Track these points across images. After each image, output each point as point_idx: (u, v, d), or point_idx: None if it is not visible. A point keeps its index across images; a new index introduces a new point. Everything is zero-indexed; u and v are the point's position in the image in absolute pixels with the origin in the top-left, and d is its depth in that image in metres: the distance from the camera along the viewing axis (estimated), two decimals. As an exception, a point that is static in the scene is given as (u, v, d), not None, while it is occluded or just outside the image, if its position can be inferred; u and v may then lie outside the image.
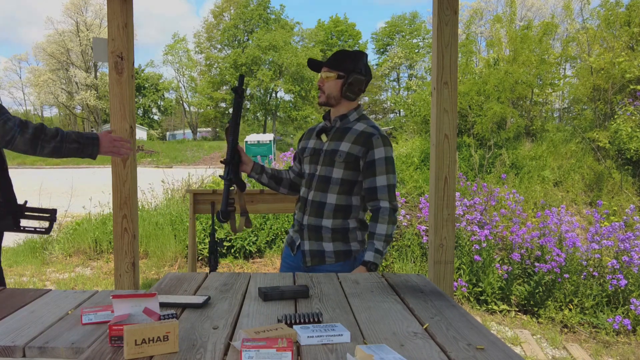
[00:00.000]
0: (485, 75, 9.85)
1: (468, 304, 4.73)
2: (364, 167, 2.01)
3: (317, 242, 2.07)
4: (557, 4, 27.13)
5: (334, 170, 2.02)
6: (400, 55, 43.50)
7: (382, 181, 1.99)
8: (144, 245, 6.06)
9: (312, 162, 2.10)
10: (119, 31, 2.83)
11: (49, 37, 44.99)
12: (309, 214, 2.07)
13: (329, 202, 2.04)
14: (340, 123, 2.08)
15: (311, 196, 2.07)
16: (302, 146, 2.19)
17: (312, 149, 2.12)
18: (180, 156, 31.28)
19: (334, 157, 2.02)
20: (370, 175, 2.00)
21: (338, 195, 2.03)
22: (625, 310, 4.34)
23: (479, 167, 8.20)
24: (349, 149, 2.01)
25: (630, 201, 7.38)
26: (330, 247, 2.05)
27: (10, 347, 1.29)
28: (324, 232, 2.05)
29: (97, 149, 1.90)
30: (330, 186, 2.03)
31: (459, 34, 2.79)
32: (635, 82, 8.66)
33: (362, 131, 2.03)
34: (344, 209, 2.05)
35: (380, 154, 1.99)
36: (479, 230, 5.03)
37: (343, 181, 2.02)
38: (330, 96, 2.06)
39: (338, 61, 2.04)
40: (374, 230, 1.98)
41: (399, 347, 1.13)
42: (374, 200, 2.02)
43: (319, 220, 2.05)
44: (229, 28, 45.92)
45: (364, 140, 2.00)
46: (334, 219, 2.04)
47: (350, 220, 2.07)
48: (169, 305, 1.41)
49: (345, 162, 2.01)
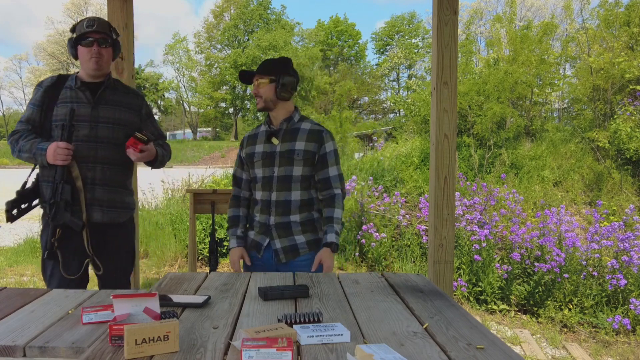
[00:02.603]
0: (485, 75, 9.84)
1: (468, 303, 4.73)
2: (317, 161, 2.21)
3: (288, 237, 2.19)
4: (557, 4, 27.14)
5: (294, 169, 2.18)
6: (400, 55, 43.49)
7: (334, 171, 2.21)
8: (144, 245, 6.06)
9: (266, 165, 2.21)
10: (119, 31, 2.83)
11: (49, 37, 45.00)
12: (275, 214, 2.19)
13: (294, 199, 2.19)
14: (288, 125, 2.23)
15: (274, 197, 2.19)
16: (249, 152, 2.29)
17: (263, 152, 2.23)
18: (181, 156, 31.28)
19: (292, 156, 2.18)
20: (324, 167, 2.21)
21: (301, 191, 2.20)
22: (625, 310, 4.34)
23: (479, 167, 8.20)
24: (305, 146, 2.18)
25: (630, 201, 7.38)
26: (302, 239, 2.20)
27: (11, 346, 1.29)
28: (294, 227, 2.19)
29: (44, 158, 2.11)
30: (292, 184, 2.18)
31: (458, 34, 2.79)
32: (634, 82, 8.65)
33: (310, 129, 2.23)
34: (307, 202, 2.22)
35: (330, 148, 2.22)
36: (478, 230, 5.04)
37: (303, 177, 2.19)
38: (267, 100, 2.21)
39: (267, 67, 2.23)
40: (332, 214, 2.18)
41: (399, 347, 1.13)
42: (328, 189, 2.21)
43: (287, 217, 2.19)
44: (229, 28, 45.89)
45: (315, 137, 2.21)
46: (301, 213, 2.20)
47: (315, 212, 2.25)
48: (169, 304, 1.41)
49: (304, 159, 2.18)
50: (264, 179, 2.21)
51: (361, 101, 44.89)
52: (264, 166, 2.21)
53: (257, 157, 2.24)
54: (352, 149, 12.21)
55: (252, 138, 2.32)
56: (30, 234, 6.97)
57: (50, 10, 78.90)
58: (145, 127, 2.33)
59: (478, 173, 8.01)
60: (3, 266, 5.90)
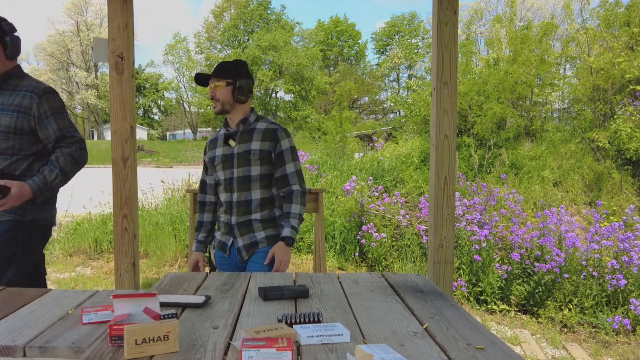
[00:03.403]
0: (485, 75, 9.84)
1: (468, 303, 4.73)
2: (275, 159, 2.24)
3: (249, 234, 2.24)
4: (557, 4, 27.13)
5: (252, 169, 2.21)
6: (400, 55, 43.51)
7: (291, 168, 2.24)
8: (144, 245, 6.06)
9: (226, 167, 2.26)
10: (120, 31, 2.83)
11: (49, 37, 45.02)
12: (237, 214, 2.24)
13: (254, 199, 2.23)
14: (244, 126, 2.26)
15: (235, 197, 2.23)
16: (210, 156, 2.33)
17: (222, 155, 2.27)
18: (181, 156, 31.26)
19: (248, 157, 2.21)
20: (281, 164, 2.24)
21: (261, 190, 2.23)
22: (625, 310, 4.34)
23: (479, 167, 8.20)
24: (260, 146, 2.21)
25: (630, 201, 7.38)
26: (262, 235, 2.24)
27: (11, 346, 1.29)
28: (254, 224, 2.24)
29: None
30: (252, 184, 2.22)
31: (458, 34, 2.79)
32: (635, 82, 8.65)
33: (265, 129, 2.25)
34: (268, 201, 2.25)
35: (286, 145, 2.24)
36: (478, 230, 5.04)
37: (262, 176, 2.23)
38: (225, 102, 2.23)
39: (224, 71, 2.24)
40: (289, 210, 2.21)
41: (399, 347, 1.13)
42: (287, 186, 2.25)
43: (248, 216, 2.23)
44: (229, 28, 45.89)
45: (270, 136, 2.23)
46: (262, 211, 2.24)
47: (276, 210, 2.28)
48: (169, 304, 1.41)
49: (260, 158, 2.21)
50: (226, 181, 2.26)
51: (361, 101, 44.89)
52: (224, 168, 2.26)
53: (217, 160, 2.28)
54: (352, 149, 12.21)
55: (213, 142, 2.36)
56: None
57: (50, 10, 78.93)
58: (41, 130, 2.16)
59: (478, 173, 8.01)
60: (3, 266, 5.89)
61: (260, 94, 44.79)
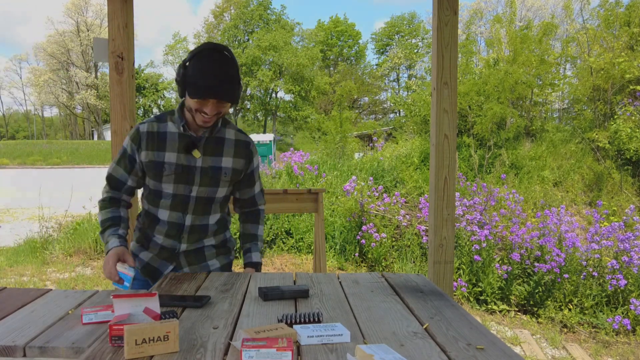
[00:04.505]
0: (485, 75, 9.84)
1: (468, 303, 4.73)
2: (245, 178, 1.91)
3: (201, 263, 1.91)
4: (557, 4, 27.14)
5: (219, 190, 1.84)
6: (400, 55, 43.53)
7: (258, 187, 1.98)
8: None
9: (181, 181, 1.78)
10: (119, 31, 2.84)
11: (49, 37, 45.06)
12: (188, 240, 1.86)
13: (212, 223, 1.89)
14: (210, 133, 1.80)
15: (189, 221, 1.83)
16: (154, 159, 1.77)
17: (177, 165, 1.77)
18: (180, 156, 31.23)
19: (218, 176, 1.81)
20: (252, 184, 1.95)
21: (220, 212, 1.92)
22: (625, 310, 4.34)
23: (479, 167, 8.20)
24: (233, 164, 1.84)
25: (630, 201, 7.38)
26: (217, 264, 1.94)
27: (11, 346, 1.29)
28: (207, 251, 1.92)
29: None
30: (212, 206, 1.86)
31: (458, 34, 2.79)
32: (635, 82, 8.66)
33: (236, 140, 1.85)
34: (223, 223, 1.96)
35: (256, 162, 1.94)
36: (478, 230, 5.04)
37: (225, 198, 1.90)
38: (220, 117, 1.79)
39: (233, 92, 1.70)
40: (256, 232, 1.99)
41: (399, 347, 1.13)
42: (254, 206, 2.00)
43: (201, 242, 1.90)
44: (229, 28, 45.94)
45: (244, 152, 1.86)
46: (216, 236, 1.93)
47: (227, 231, 2.01)
48: (169, 304, 1.41)
49: (231, 179, 1.86)
50: (176, 198, 1.80)
51: (361, 101, 44.92)
52: (177, 182, 1.78)
53: (167, 169, 1.76)
54: (352, 149, 12.22)
55: (157, 138, 1.77)
56: (30, 234, 6.97)
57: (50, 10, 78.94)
58: None
59: (478, 173, 8.01)
60: (3, 266, 5.90)
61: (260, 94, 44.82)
